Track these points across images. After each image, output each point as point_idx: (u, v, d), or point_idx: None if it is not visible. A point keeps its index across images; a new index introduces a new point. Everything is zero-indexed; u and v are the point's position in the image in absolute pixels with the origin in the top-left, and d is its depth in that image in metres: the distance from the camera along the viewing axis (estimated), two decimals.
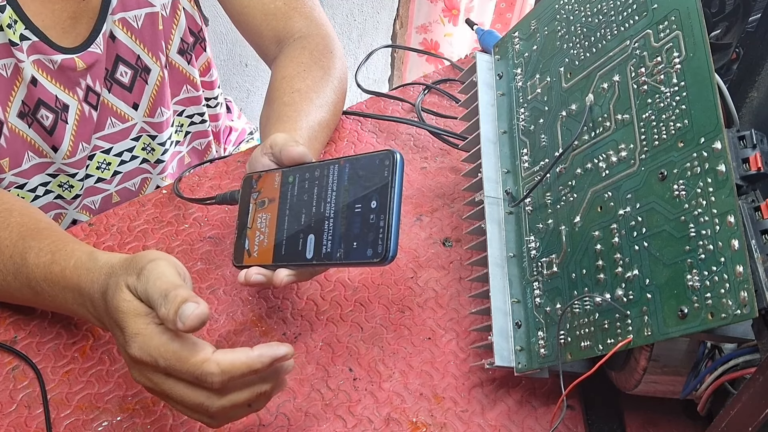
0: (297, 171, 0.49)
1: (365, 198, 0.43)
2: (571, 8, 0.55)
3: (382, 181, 0.43)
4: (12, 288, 0.53)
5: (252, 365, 0.42)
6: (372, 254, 0.42)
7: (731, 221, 0.38)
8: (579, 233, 0.48)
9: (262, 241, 0.49)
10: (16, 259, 0.52)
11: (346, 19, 1.70)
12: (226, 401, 0.43)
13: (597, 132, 0.49)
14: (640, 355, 0.44)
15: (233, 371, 0.42)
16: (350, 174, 0.45)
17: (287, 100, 0.66)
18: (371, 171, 0.44)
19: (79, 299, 0.48)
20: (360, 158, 0.45)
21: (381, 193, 0.43)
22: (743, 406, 0.35)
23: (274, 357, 0.43)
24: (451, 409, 0.52)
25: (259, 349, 0.43)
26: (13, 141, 0.69)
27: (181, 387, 0.43)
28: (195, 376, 0.42)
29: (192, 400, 0.43)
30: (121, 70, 0.73)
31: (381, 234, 0.42)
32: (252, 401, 0.44)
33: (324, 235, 0.45)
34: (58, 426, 0.50)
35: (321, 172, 0.47)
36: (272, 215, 0.49)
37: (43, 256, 0.51)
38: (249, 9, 0.76)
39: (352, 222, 0.44)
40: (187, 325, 0.41)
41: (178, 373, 0.42)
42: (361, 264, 0.43)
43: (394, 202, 0.42)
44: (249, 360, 0.42)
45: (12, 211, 0.56)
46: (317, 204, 0.46)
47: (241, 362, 0.42)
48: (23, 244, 0.52)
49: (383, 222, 0.42)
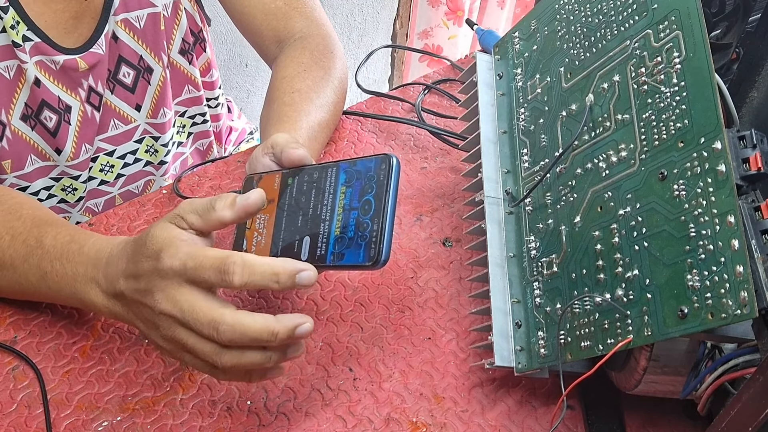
0: (296, 173, 0.49)
1: (361, 201, 0.44)
2: (571, 8, 0.55)
3: (379, 185, 0.43)
4: (17, 273, 0.52)
5: (274, 267, 0.42)
6: (364, 258, 0.42)
7: (731, 221, 0.38)
8: (579, 233, 0.48)
9: (259, 242, 0.49)
10: (30, 242, 0.52)
11: (346, 19, 1.70)
12: (237, 322, 0.42)
13: (597, 132, 0.49)
14: (640, 355, 0.44)
15: (255, 267, 0.42)
16: (348, 177, 0.45)
17: (287, 100, 0.67)
18: (368, 174, 0.44)
19: (91, 272, 0.49)
20: (357, 161, 0.45)
21: (377, 197, 0.43)
22: (743, 406, 0.35)
23: (296, 268, 0.42)
24: (451, 409, 0.52)
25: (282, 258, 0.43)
26: (16, 143, 0.69)
27: (200, 300, 0.43)
28: (219, 267, 0.42)
29: (205, 314, 0.42)
30: (124, 71, 0.73)
31: (374, 238, 0.42)
32: (265, 344, 0.43)
33: (319, 238, 0.45)
34: (58, 426, 0.50)
35: (320, 175, 0.47)
36: (270, 216, 0.49)
37: (61, 237, 0.51)
38: (249, 9, 0.76)
39: (347, 225, 0.44)
40: (251, 200, 0.44)
41: (203, 270, 0.42)
42: (354, 267, 0.43)
43: (389, 206, 0.42)
44: (272, 261, 0.42)
45: (23, 204, 0.56)
46: (314, 206, 0.46)
47: (264, 261, 0.42)
48: (38, 230, 0.53)
49: (377, 226, 0.42)
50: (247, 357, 0.44)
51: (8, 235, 0.53)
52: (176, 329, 0.44)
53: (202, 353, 0.44)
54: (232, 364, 0.44)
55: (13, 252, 0.52)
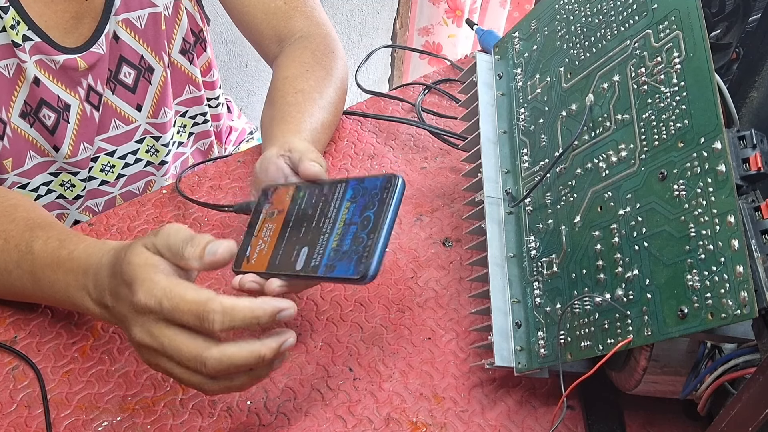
0: (309, 187, 0.50)
1: (362, 217, 0.44)
2: (571, 8, 0.55)
3: (381, 202, 0.44)
4: (12, 277, 0.53)
5: (254, 311, 0.42)
6: (353, 272, 0.42)
7: (731, 221, 0.38)
8: (579, 233, 0.48)
9: (262, 249, 0.49)
10: (21, 248, 0.52)
11: (346, 19, 1.70)
12: (224, 356, 0.42)
13: (597, 132, 0.49)
14: (640, 355, 0.44)
15: (234, 312, 0.41)
16: (354, 193, 0.46)
17: (291, 101, 0.66)
18: (373, 192, 0.45)
19: (81, 280, 0.48)
20: (366, 179, 0.46)
21: (376, 213, 0.43)
22: (743, 406, 0.35)
23: (276, 309, 0.42)
24: (451, 409, 0.52)
25: (262, 298, 0.43)
26: (16, 141, 0.69)
27: (181, 336, 0.42)
28: (197, 314, 0.41)
29: (190, 351, 0.42)
30: (125, 71, 0.73)
31: (366, 252, 0.42)
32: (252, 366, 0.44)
33: (317, 249, 0.45)
34: (58, 426, 0.50)
35: (329, 190, 0.48)
36: (277, 226, 0.50)
37: (51, 243, 0.51)
38: (249, 8, 0.76)
39: (345, 239, 0.44)
40: (218, 255, 0.42)
41: (181, 314, 0.41)
42: (343, 280, 0.43)
43: (386, 223, 0.43)
44: (251, 304, 0.42)
45: (17, 206, 0.56)
46: (318, 219, 0.47)
47: (244, 305, 0.42)
48: (30, 234, 0.52)
49: (371, 241, 0.42)
50: (236, 382, 0.44)
51: (1, 239, 0.53)
52: (159, 359, 0.44)
53: (189, 383, 0.44)
54: (221, 391, 0.44)
55: (6, 257, 0.52)
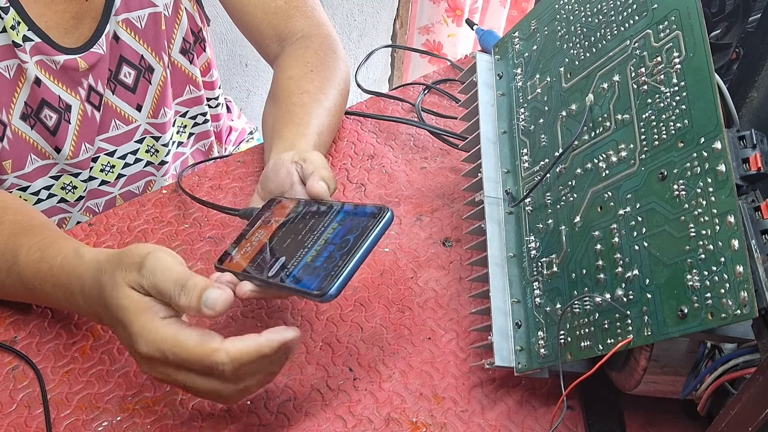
0: (309, 204, 0.51)
1: (342, 239, 0.45)
2: (571, 8, 0.55)
3: (363, 229, 0.44)
4: (6, 285, 0.53)
5: (261, 351, 0.42)
6: (316, 286, 0.42)
7: (731, 221, 0.38)
8: (579, 233, 0.48)
9: (246, 252, 0.50)
10: (7, 257, 0.52)
11: (346, 19, 1.70)
12: (240, 386, 0.43)
13: (597, 132, 0.49)
14: (640, 355, 0.44)
15: (243, 359, 0.42)
16: (344, 216, 0.47)
17: (296, 101, 0.66)
18: (361, 218, 0.45)
19: (70, 297, 0.48)
20: (359, 206, 0.46)
21: (356, 238, 0.44)
22: (743, 406, 0.35)
23: (283, 341, 0.43)
24: (451, 409, 0.52)
25: (266, 334, 0.43)
26: (17, 143, 0.69)
27: (193, 377, 0.43)
28: (205, 366, 0.42)
29: (206, 388, 0.43)
30: (125, 71, 0.73)
31: (333, 272, 0.42)
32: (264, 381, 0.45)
33: (293, 260, 0.46)
34: (58, 426, 0.50)
35: (325, 209, 0.49)
36: (267, 233, 0.51)
37: (32, 254, 0.51)
38: (249, 7, 0.76)
39: (320, 256, 0.45)
40: (216, 310, 0.41)
41: (189, 364, 0.42)
42: (305, 294, 0.43)
43: (362, 249, 0.43)
44: (258, 346, 0.42)
45: (7, 209, 0.56)
46: (305, 234, 0.47)
47: (251, 349, 0.42)
48: (15, 241, 0.52)
49: (342, 262, 0.43)
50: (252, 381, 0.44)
51: None
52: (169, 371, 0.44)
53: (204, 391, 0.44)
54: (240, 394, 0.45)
55: None
